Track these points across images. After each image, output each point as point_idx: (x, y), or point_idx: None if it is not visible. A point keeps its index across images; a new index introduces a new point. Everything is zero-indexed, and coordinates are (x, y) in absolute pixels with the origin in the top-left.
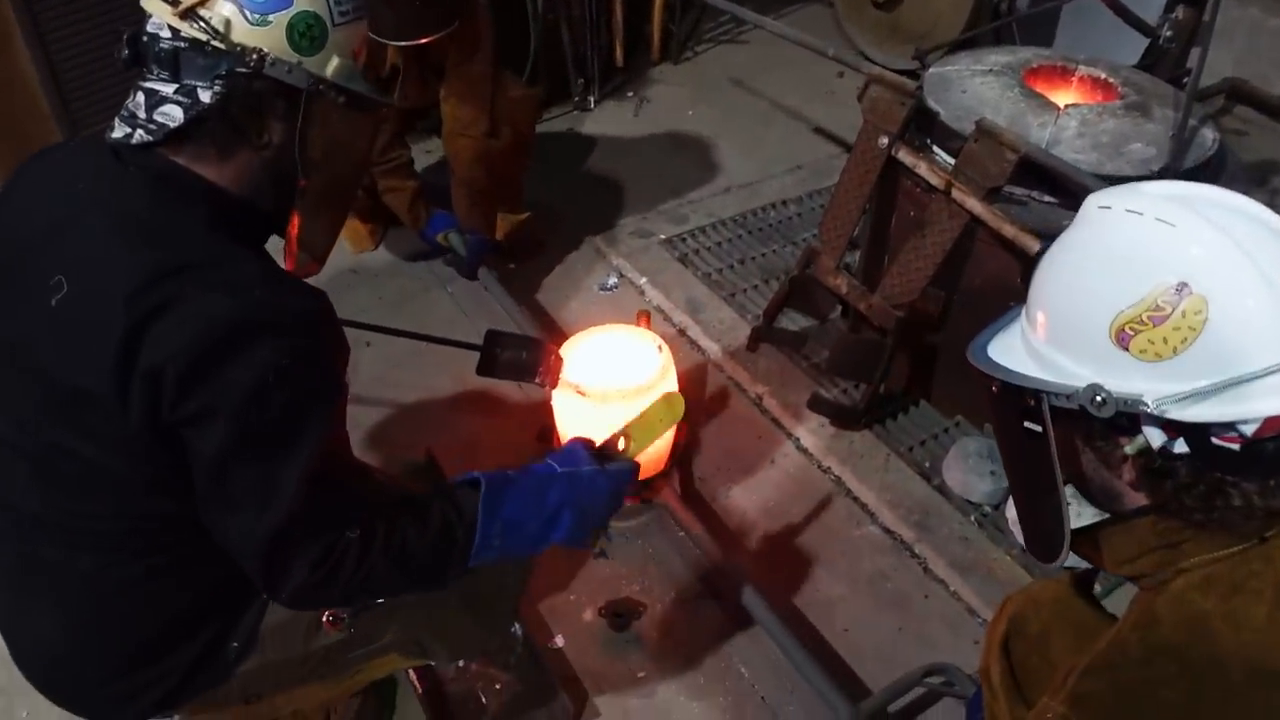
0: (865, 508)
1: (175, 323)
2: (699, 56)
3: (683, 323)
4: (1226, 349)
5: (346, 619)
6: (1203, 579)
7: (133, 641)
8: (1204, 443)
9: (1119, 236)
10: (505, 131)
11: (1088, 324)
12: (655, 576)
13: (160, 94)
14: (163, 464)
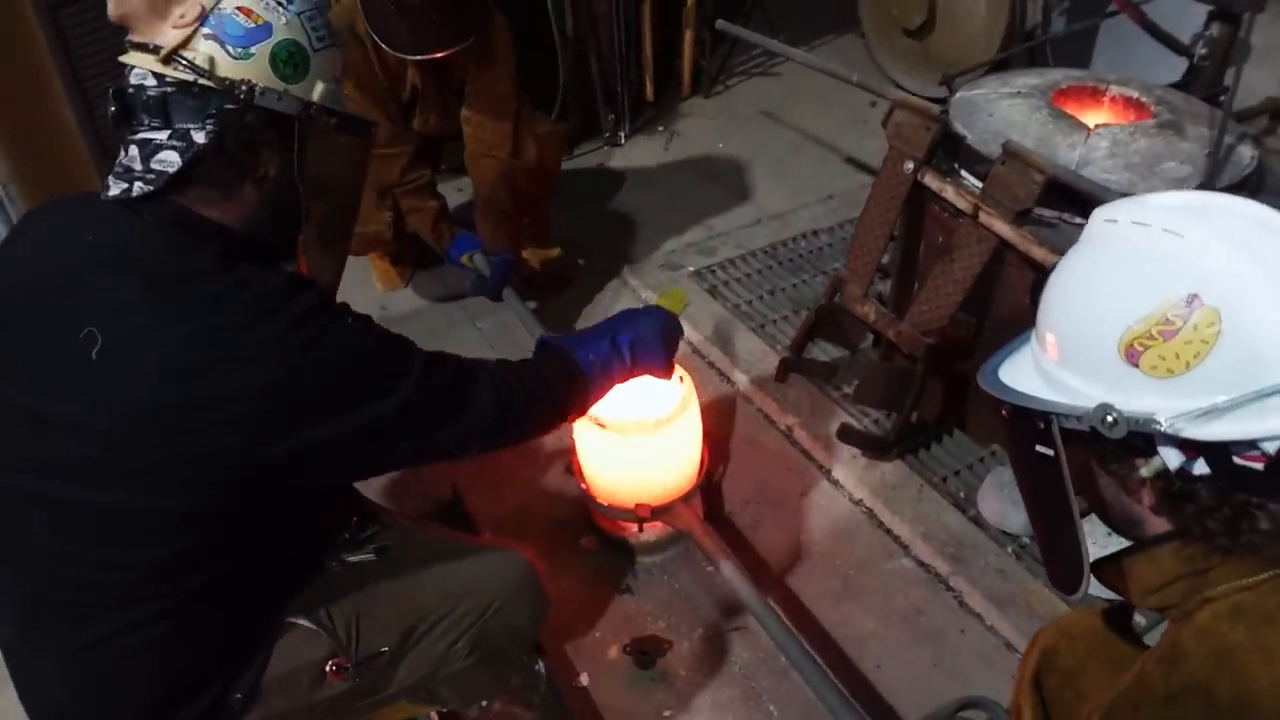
0: (898, 540)
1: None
2: (730, 90)
3: (711, 355)
4: (1242, 362)
5: (351, 669)
6: (1231, 608)
7: (138, 700)
8: (1225, 463)
9: (1125, 250)
10: (529, 153)
11: (1096, 342)
12: (682, 613)
13: (154, 142)
14: (215, 490)
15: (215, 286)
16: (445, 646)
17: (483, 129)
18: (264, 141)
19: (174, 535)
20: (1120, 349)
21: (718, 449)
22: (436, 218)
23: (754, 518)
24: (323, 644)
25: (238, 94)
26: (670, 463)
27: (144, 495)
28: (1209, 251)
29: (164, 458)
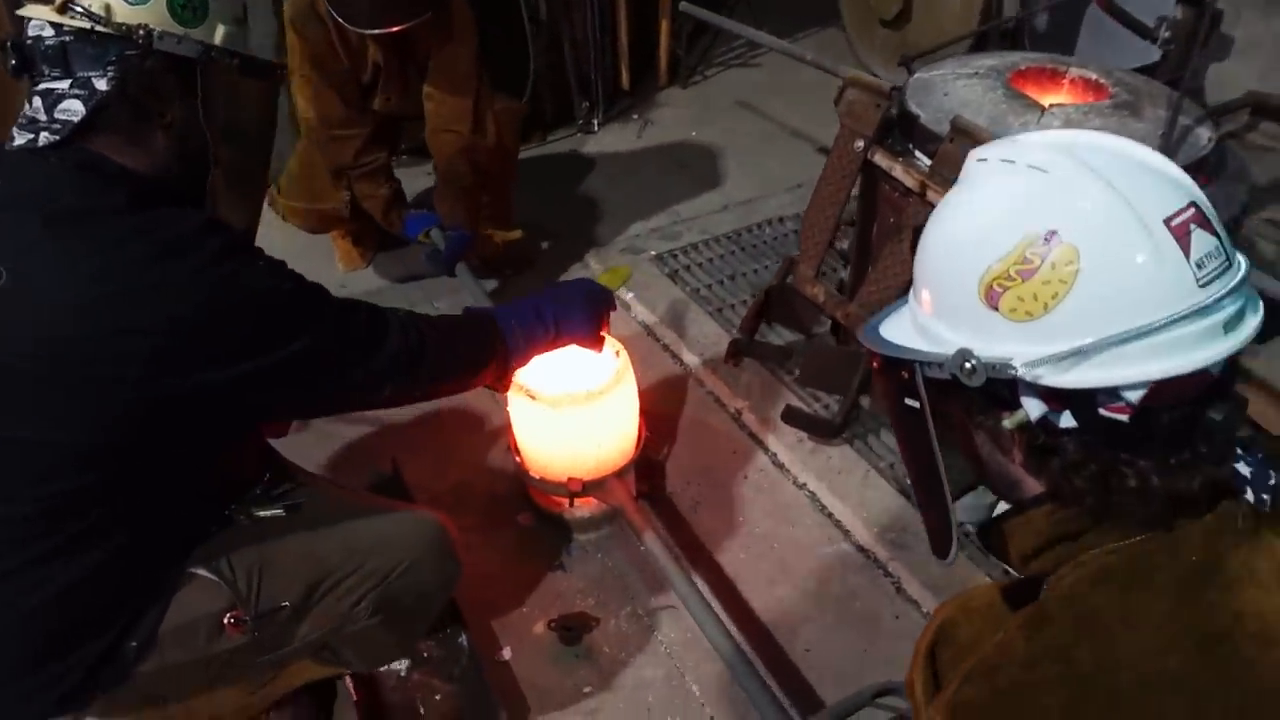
0: (839, 525)
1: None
2: (708, 81)
3: (665, 337)
4: (1102, 304)
5: (250, 622)
6: (1098, 571)
7: (30, 640)
8: (1091, 414)
9: (991, 188)
10: (489, 130)
11: (959, 285)
12: (612, 590)
13: (57, 91)
14: (120, 425)
15: (123, 225)
16: (349, 605)
17: (444, 105)
18: (167, 86)
19: (73, 473)
20: (981, 291)
21: (664, 430)
22: (389, 204)
23: (695, 499)
24: (222, 596)
25: (136, 39)
26: (603, 437)
27: (44, 430)
28: (1072, 187)
29: (65, 392)
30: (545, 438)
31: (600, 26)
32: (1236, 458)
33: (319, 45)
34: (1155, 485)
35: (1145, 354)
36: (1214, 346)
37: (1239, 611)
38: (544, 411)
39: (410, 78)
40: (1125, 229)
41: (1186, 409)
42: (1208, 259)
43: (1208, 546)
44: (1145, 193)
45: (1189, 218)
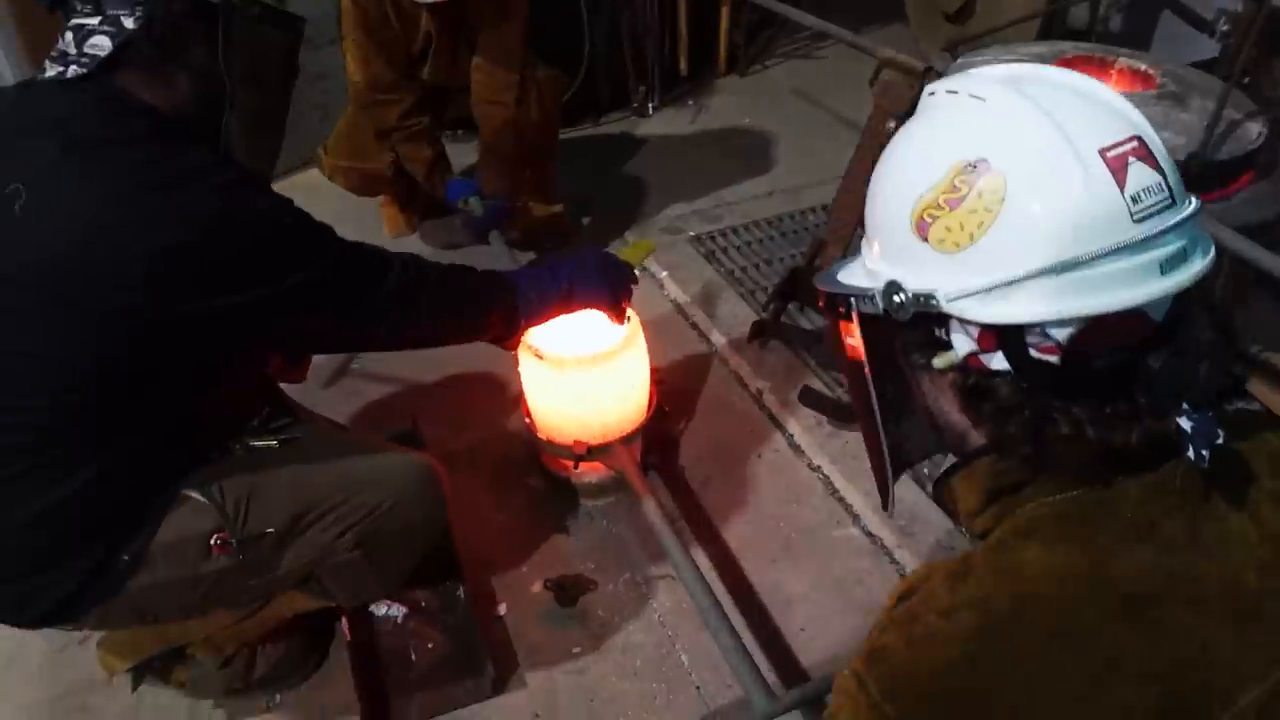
0: (850, 509)
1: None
2: (767, 70)
3: (695, 316)
4: (1028, 235)
5: (235, 545)
6: (1027, 524)
7: (29, 545)
8: (1022, 355)
9: (932, 119)
10: (533, 104)
11: (895, 216)
12: (612, 556)
13: (87, 27)
14: (119, 345)
15: (136, 154)
16: (332, 536)
17: (491, 77)
18: (190, 29)
19: (71, 388)
20: (913, 222)
21: (684, 406)
22: (431, 164)
23: (706, 474)
24: (210, 517)
25: None
26: (610, 401)
27: (48, 344)
28: (1006, 116)
29: (68, 309)
30: (553, 399)
31: (659, 12)
32: (1180, 412)
33: (372, 12)
34: (1090, 435)
35: (1072, 289)
36: (1147, 286)
37: (1172, 574)
38: (550, 372)
39: (460, 49)
40: (1056, 157)
41: (1123, 355)
42: (1145, 193)
43: (1146, 504)
44: (1082, 122)
45: (1128, 150)
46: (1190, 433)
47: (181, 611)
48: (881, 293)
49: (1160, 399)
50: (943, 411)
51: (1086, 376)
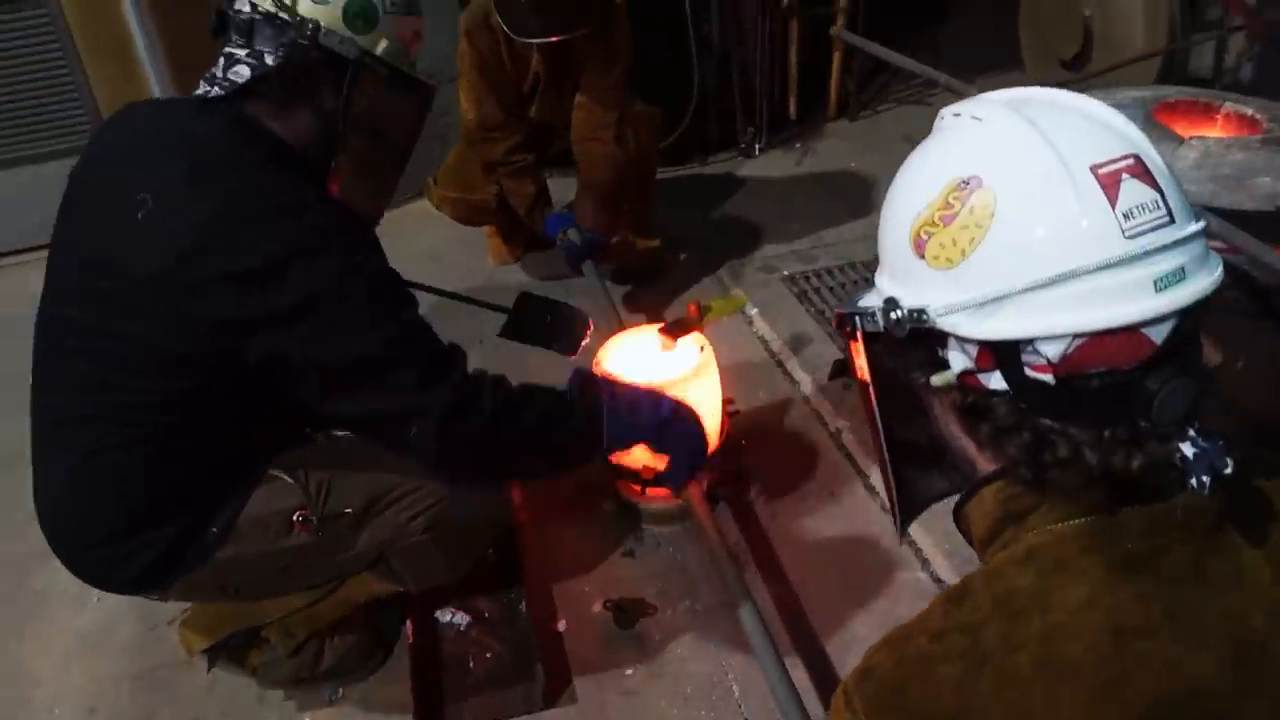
0: (920, 553)
1: (246, 241)
2: (878, 115)
3: (781, 353)
4: (1018, 250)
5: (315, 522)
6: (1025, 551)
7: (124, 510)
8: (1019, 374)
9: (938, 141)
10: (630, 142)
11: (896, 235)
12: (675, 583)
13: (235, 56)
14: (208, 347)
15: (254, 179)
16: (405, 519)
17: (591, 114)
18: (321, 75)
19: (176, 374)
20: (911, 240)
21: (761, 441)
22: (533, 199)
23: (776, 509)
24: (294, 495)
25: (306, 30)
26: None
27: (155, 333)
28: (1001, 135)
29: (174, 309)
30: None
31: (771, 55)
32: (1185, 437)
33: (487, 54)
34: (1089, 458)
35: (1062, 304)
36: (1139, 303)
37: (1169, 608)
38: None
39: (565, 89)
40: (1045, 172)
41: (1120, 376)
42: (1139, 210)
43: (1148, 535)
44: (1077, 140)
45: (1123, 167)
46: (1192, 459)
47: (260, 586)
48: (881, 310)
49: (1163, 424)
50: (953, 435)
51: (1083, 397)
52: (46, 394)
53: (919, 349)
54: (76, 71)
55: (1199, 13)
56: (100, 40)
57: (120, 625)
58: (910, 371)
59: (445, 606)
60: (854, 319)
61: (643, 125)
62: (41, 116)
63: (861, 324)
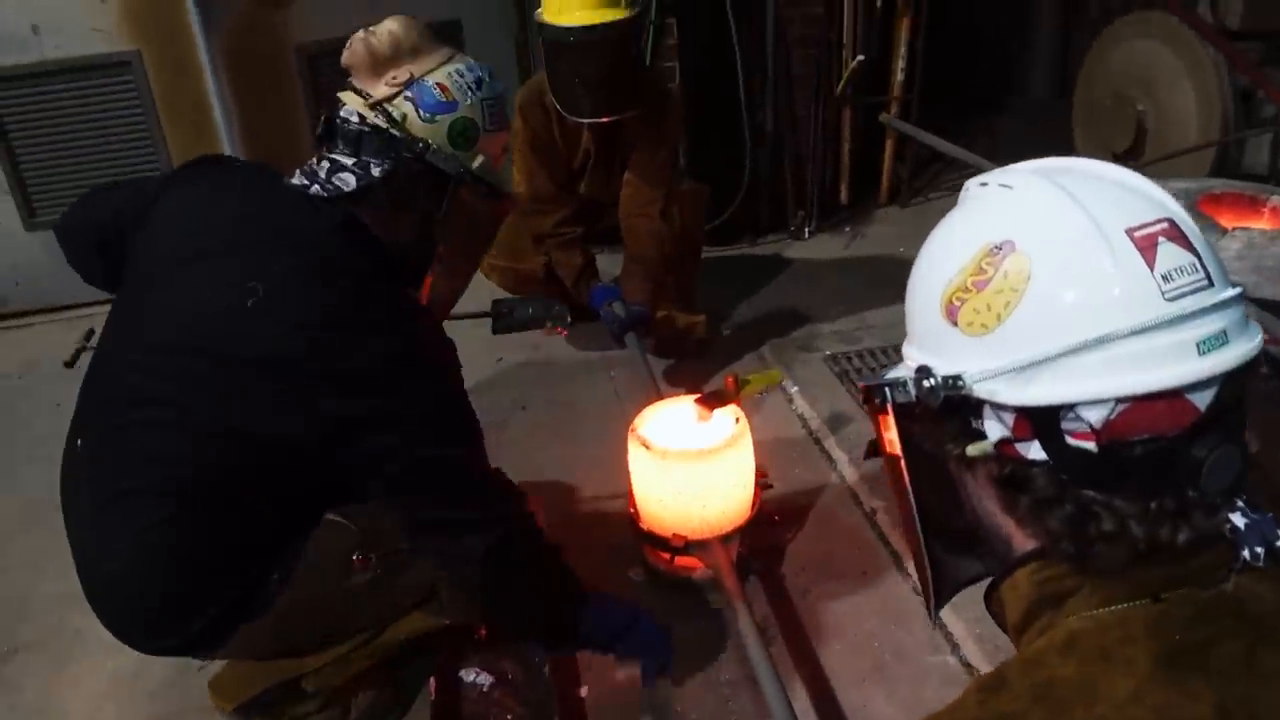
0: (950, 636)
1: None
2: (929, 203)
3: (819, 431)
4: (1055, 314)
5: (373, 559)
6: (1067, 638)
7: (191, 574)
8: (1059, 443)
9: (967, 210)
10: (675, 218)
11: (926, 303)
12: (701, 656)
13: (340, 164)
14: (305, 433)
15: (359, 286)
16: None
17: (639, 192)
18: (423, 187)
19: (263, 455)
20: (943, 307)
21: (795, 516)
22: (580, 271)
23: (807, 585)
24: (351, 537)
25: (417, 148)
26: (710, 497)
27: (252, 419)
28: (1033, 200)
29: (280, 394)
30: (655, 489)
31: (824, 142)
32: (1235, 508)
33: (540, 131)
34: (1135, 531)
35: (1103, 368)
36: (1182, 366)
37: (1223, 706)
38: (655, 462)
39: (614, 167)
40: (1081, 236)
41: (1165, 443)
42: (1177, 272)
43: (1198, 625)
44: (1109, 204)
45: (1158, 231)
46: (1244, 530)
47: (319, 630)
48: (913, 379)
49: (1211, 493)
50: (987, 512)
51: (1127, 466)
52: (100, 462)
53: (952, 419)
54: (156, 135)
55: (1254, 109)
56: (180, 108)
57: (153, 668)
58: (943, 443)
59: (470, 665)
60: (883, 390)
61: (689, 202)
62: (120, 175)
63: (891, 395)
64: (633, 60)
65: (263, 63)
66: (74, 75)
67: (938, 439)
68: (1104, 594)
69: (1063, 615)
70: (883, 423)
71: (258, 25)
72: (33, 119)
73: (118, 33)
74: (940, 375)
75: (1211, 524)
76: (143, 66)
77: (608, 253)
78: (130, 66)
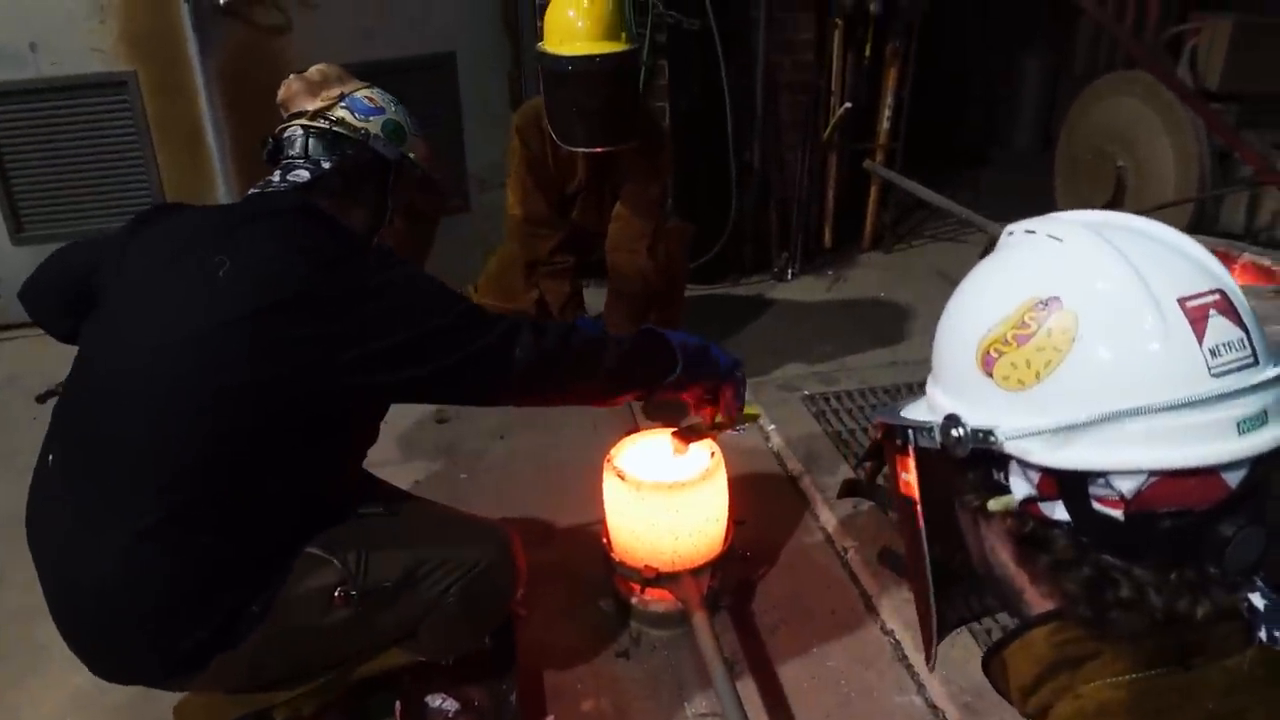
0: (915, 676)
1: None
2: (912, 249)
3: (795, 470)
4: (1098, 378)
5: (355, 597)
6: (1098, 708)
7: (176, 592)
8: (1084, 507)
9: (1005, 256)
10: (661, 253)
11: (960, 350)
12: (666, 687)
13: (293, 165)
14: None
15: (320, 247)
16: (439, 591)
17: (628, 226)
18: (370, 176)
19: (245, 416)
20: (978, 356)
21: (767, 554)
22: (567, 300)
23: (776, 621)
24: (333, 572)
25: (359, 136)
26: (682, 530)
27: (229, 376)
28: (1083, 256)
29: (261, 339)
30: (628, 520)
31: (809, 186)
32: (1253, 587)
33: (536, 154)
34: (1153, 600)
35: (1141, 439)
36: (1221, 445)
37: None
38: (629, 493)
39: (605, 197)
40: (1132, 301)
41: (1193, 518)
42: (1225, 348)
43: (1232, 694)
44: (1162, 270)
45: (1210, 302)
46: (1263, 611)
47: (293, 666)
48: (940, 426)
49: (1233, 571)
50: (1000, 564)
51: (1152, 537)
52: (78, 473)
53: (975, 470)
54: (148, 155)
55: (1230, 169)
56: (174, 129)
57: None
58: (963, 493)
59: (436, 692)
60: (906, 433)
61: (674, 238)
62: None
63: (915, 438)
64: (630, 93)
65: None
66: (69, 93)
67: (958, 488)
68: (1127, 660)
69: (1081, 679)
70: (901, 464)
71: (255, 51)
72: (25, 135)
73: (114, 53)
74: (970, 427)
75: (1230, 601)
76: (138, 87)
77: (594, 286)
78: (126, 87)
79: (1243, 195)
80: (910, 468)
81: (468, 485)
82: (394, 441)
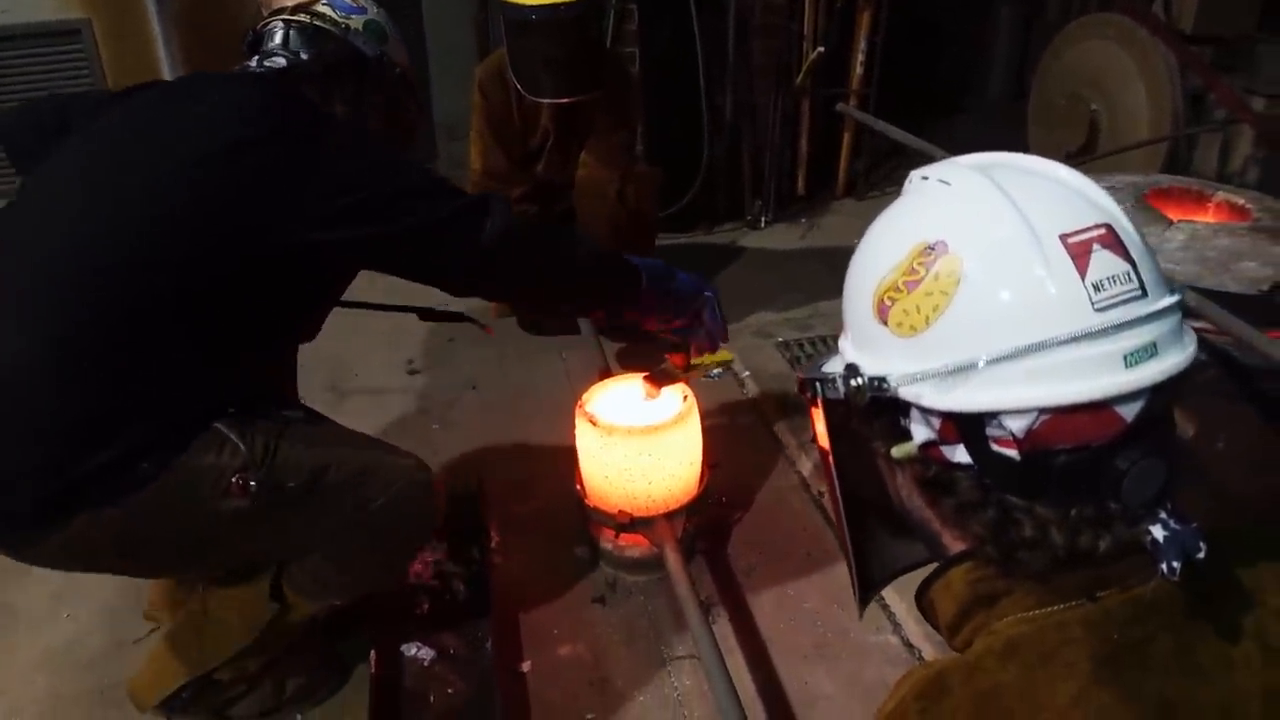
0: (892, 616)
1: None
2: (885, 196)
3: (770, 414)
4: (983, 320)
5: (254, 487)
6: (1006, 644)
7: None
8: (983, 449)
9: (903, 203)
10: (630, 199)
11: (860, 300)
12: (642, 631)
13: (271, 53)
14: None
15: (300, 116)
16: (348, 508)
17: (595, 172)
18: (347, 69)
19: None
20: (874, 305)
21: (742, 498)
22: None
23: (752, 564)
24: (237, 456)
25: (339, 31)
26: (656, 475)
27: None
28: (968, 199)
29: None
30: (601, 466)
31: (782, 133)
32: (1156, 520)
33: (499, 108)
34: (1055, 538)
35: (1027, 377)
36: (1108, 378)
37: (1170, 701)
38: (601, 439)
39: (572, 149)
40: (1013, 240)
41: (1088, 454)
42: (1110, 281)
43: (1134, 624)
44: (1046, 207)
45: (1094, 237)
46: (1163, 543)
47: (167, 554)
48: (841, 377)
49: (1133, 505)
50: (916, 508)
51: (1049, 474)
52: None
53: (881, 418)
54: None
55: (1203, 112)
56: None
57: (87, 641)
58: (871, 441)
59: (412, 640)
60: (815, 384)
61: (643, 183)
62: None
63: (822, 390)
64: (594, 41)
65: (216, 34)
66: (22, 41)
67: (866, 436)
68: (1036, 596)
69: (996, 615)
70: (814, 415)
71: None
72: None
73: (67, 1)
74: (867, 375)
75: (1132, 534)
76: (92, 35)
77: None
78: (80, 35)
79: (1215, 141)
80: (820, 419)
81: (440, 435)
82: (364, 393)
